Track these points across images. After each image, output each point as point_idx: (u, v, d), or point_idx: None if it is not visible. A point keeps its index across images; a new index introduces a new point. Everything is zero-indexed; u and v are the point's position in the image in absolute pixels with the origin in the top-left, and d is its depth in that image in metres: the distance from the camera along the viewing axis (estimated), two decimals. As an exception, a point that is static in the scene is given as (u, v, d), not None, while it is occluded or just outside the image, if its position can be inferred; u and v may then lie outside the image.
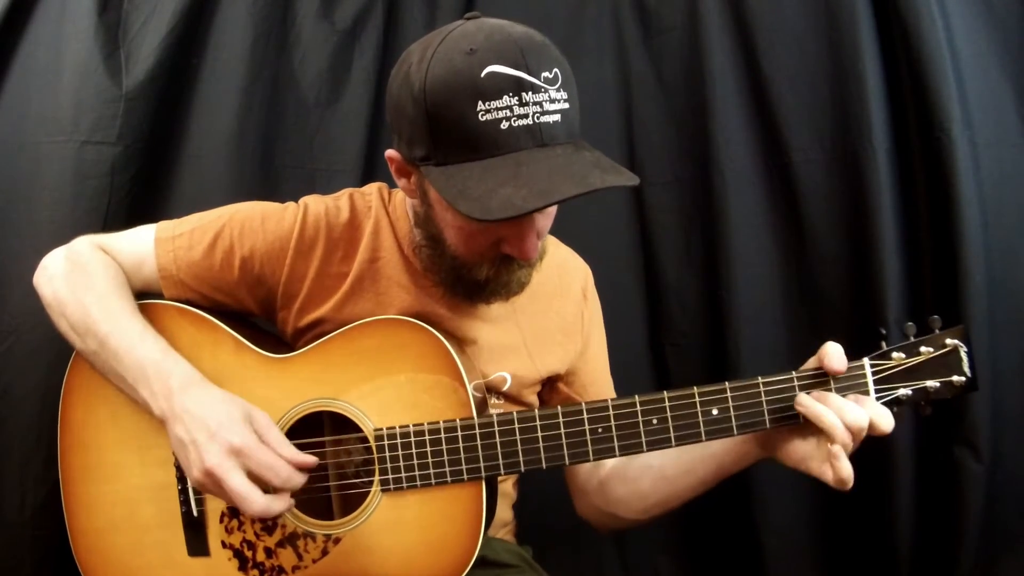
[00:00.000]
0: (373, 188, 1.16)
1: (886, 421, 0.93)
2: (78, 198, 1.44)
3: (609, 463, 1.18)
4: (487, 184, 0.86)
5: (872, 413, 0.92)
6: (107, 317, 1.03)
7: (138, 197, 1.50)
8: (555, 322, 1.17)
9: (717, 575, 1.61)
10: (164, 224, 1.13)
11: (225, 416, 0.95)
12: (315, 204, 1.12)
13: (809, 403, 0.93)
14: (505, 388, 1.13)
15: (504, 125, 0.86)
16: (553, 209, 1.00)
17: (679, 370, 1.63)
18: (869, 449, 1.47)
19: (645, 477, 1.13)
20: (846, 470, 0.91)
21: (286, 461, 0.95)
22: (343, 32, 1.62)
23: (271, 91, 1.59)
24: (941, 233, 1.43)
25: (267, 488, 0.94)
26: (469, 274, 1.02)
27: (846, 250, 1.51)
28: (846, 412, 0.91)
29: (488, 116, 0.86)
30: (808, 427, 0.95)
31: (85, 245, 1.11)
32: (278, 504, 0.93)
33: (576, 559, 1.61)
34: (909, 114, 1.47)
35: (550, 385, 1.20)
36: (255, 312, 1.14)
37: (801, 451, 0.96)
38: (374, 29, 1.63)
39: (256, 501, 0.92)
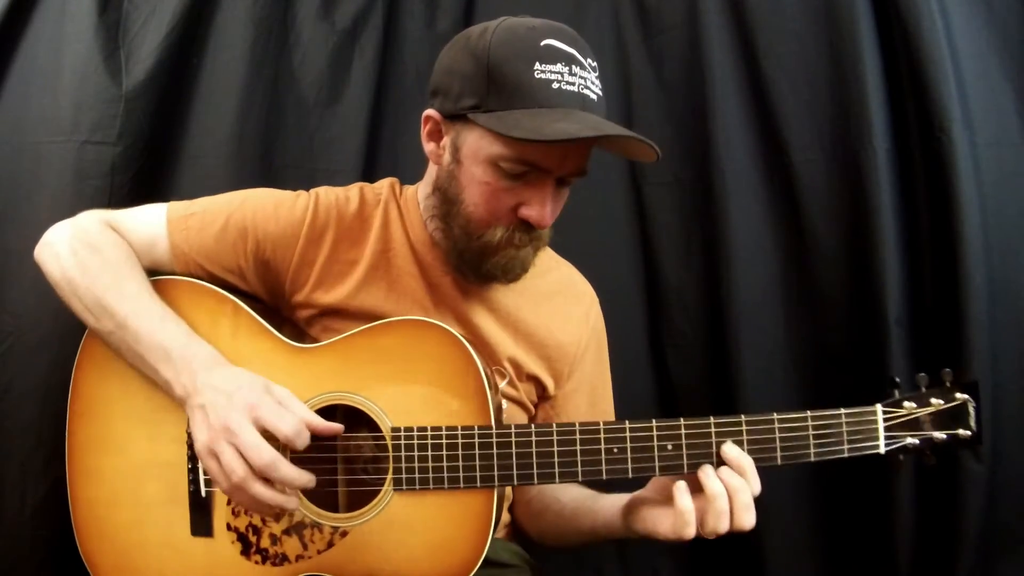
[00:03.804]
0: (385, 182, 1.19)
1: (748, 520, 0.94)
2: (78, 198, 1.44)
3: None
4: (540, 121, 0.94)
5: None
6: (125, 299, 1.04)
7: (138, 197, 1.49)
8: (550, 338, 1.18)
9: (717, 575, 1.61)
10: (175, 204, 1.15)
11: (246, 383, 0.96)
12: (326, 194, 1.15)
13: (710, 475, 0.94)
14: (502, 386, 1.14)
15: (555, 86, 0.96)
16: (566, 194, 1.06)
17: (679, 370, 1.62)
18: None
19: (551, 510, 1.17)
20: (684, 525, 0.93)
21: (314, 426, 0.96)
22: (343, 32, 1.62)
23: (271, 91, 1.59)
24: (941, 233, 1.42)
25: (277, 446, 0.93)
26: (479, 240, 1.04)
27: (846, 250, 1.51)
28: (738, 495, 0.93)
29: (543, 76, 0.96)
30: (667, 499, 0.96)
31: (93, 222, 1.12)
32: (286, 468, 0.92)
33: (576, 559, 1.61)
34: (909, 114, 1.47)
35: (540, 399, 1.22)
36: (262, 296, 1.15)
37: (655, 516, 0.98)
38: (374, 29, 1.63)
39: (265, 451, 0.91)
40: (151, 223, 1.13)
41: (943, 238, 1.42)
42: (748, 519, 0.93)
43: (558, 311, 1.20)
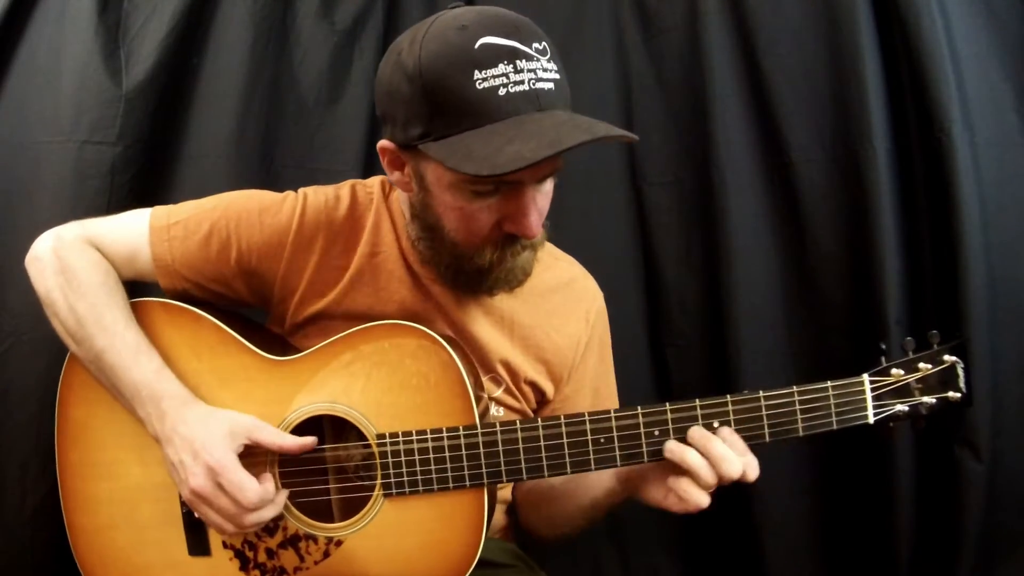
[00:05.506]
0: (375, 181, 1.15)
1: (753, 471, 0.93)
2: (78, 198, 1.44)
3: None
4: (493, 144, 0.86)
5: (746, 463, 0.93)
6: (102, 330, 1.02)
7: (138, 197, 1.50)
8: (547, 340, 1.15)
9: (717, 575, 1.61)
10: (158, 211, 1.12)
11: (207, 435, 0.97)
12: (314, 196, 1.11)
13: (678, 448, 0.94)
14: (497, 393, 1.12)
15: (502, 92, 0.87)
16: (550, 189, 1.00)
17: (679, 370, 1.62)
18: (870, 449, 1.48)
19: (546, 497, 1.16)
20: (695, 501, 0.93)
21: (287, 447, 0.99)
22: (343, 32, 1.62)
23: (271, 91, 1.58)
24: (941, 233, 1.42)
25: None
26: (471, 262, 1.00)
27: (846, 250, 1.51)
28: (723, 466, 0.92)
29: (485, 84, 0.87)
30: (669, 468, 0.95)
31: (73, 240, 1.09)
32: (267, 513, 0.98)
33: (575, 559, 1.61)
34: (909, 114, 1.46)
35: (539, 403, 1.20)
36: (251, 302, 1.13)
37: (659, 491, 0.97)
38: (374, 29, 1.62)
39: (240, 520, 0.96)
40: (132, 233, 1.10)
41: (943, 238, 1.42)
42: (732, 468, 0.91)
43: (556, 311, 1.17)
